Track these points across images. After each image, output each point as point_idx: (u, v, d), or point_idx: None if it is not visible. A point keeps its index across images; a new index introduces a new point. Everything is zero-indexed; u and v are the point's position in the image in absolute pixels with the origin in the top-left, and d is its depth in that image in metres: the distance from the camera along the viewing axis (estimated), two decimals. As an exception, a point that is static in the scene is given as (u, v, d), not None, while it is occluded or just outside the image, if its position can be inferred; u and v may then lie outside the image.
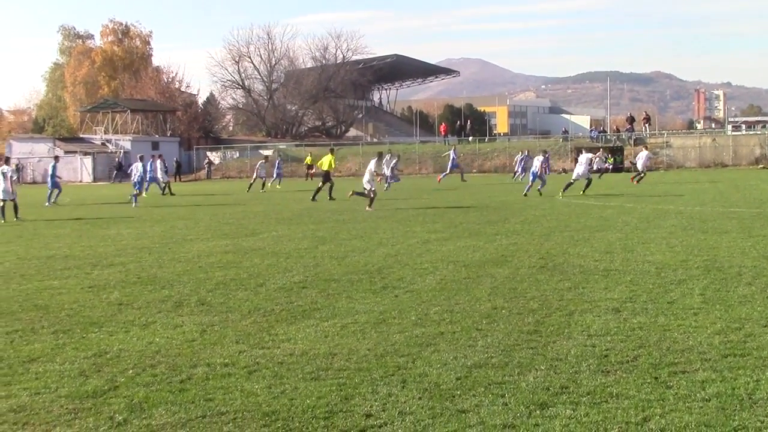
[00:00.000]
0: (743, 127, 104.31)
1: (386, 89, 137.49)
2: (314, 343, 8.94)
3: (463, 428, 6.10)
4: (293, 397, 6.97)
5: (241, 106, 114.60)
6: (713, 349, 8.23)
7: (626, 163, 68.49)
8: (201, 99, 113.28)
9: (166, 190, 45.73)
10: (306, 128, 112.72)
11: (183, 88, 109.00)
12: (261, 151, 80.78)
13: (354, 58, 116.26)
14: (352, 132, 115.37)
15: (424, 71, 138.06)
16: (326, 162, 36.89)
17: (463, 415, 6.41)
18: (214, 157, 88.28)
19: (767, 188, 36.68)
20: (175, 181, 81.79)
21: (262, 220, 26.09)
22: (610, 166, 55.02)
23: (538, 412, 6.42)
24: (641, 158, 46.73)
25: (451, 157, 52.21)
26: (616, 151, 69.27)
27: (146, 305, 11.42)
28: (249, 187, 49.23)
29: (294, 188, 51.59)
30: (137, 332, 9.69)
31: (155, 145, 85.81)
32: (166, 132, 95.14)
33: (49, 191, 39.72)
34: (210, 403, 6.83)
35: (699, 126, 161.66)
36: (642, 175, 44.82)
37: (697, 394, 6.77)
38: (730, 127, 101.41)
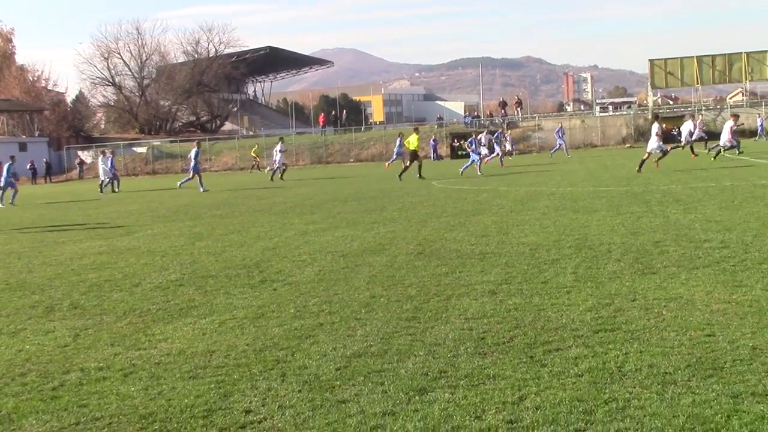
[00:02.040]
0: (610, 108, 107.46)
1: (261, 82, 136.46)
2: (192, 342, 8.81)
3: (343, 418, 6.10)
4: (171, 397, 6.85)
5: (112, 104, 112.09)
6: (585, 326, 8.44)
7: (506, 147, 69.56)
8: (70, 97, 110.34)
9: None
10: (180, 123, 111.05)
11: (50, 87, 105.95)
12: (134, 149, 79.18)
13: (227, 51, 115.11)
14: (228, 126, 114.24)
15: (298, 62, 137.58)
16: (413, 142, 39.53)
17: (343, 405, 6.41)
18: (86, 156, 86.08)
19: (634, 167, 37.83)
20: (45, 182, 79.60)
21: (136, 219, 25.56)
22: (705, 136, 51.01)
23: (417, 397, 6.47)
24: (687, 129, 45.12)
25: (398, 143, 52.78)
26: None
27: (15, 312, 11.05)
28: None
29: (167, 185, 50.73)
30: (5, 340, 9.36)
31: (23, 146, 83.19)
32: (33, 132, 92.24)
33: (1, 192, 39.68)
34: (84, 409, 6.64)
35: (569, 108, 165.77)
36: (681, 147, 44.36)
37: (571, 370, 6.93)
38: (598, 108, 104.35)
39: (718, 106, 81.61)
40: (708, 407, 5.87)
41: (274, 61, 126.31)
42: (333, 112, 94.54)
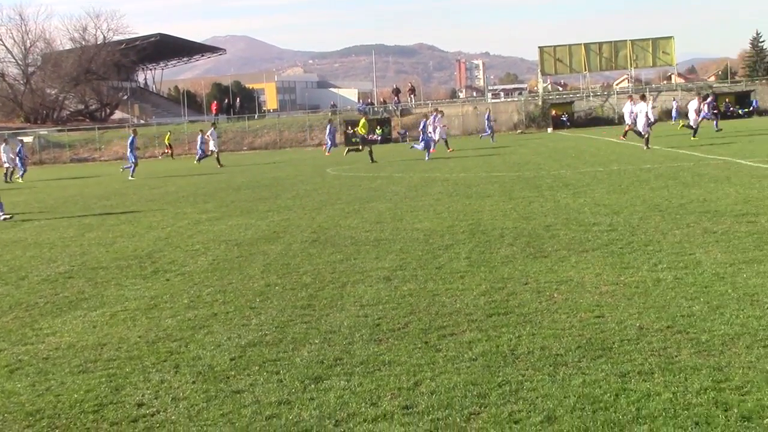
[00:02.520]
0: (502, 94, 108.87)
1: (151, 69, 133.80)
2: (82, 335, 8.60)
3: (238, 409, 6.04)
4: (60, 393, 6.67)
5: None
6: (479, 310, 8.54)
7: (394, 134, 70.03)
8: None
9: None
10: (68, 112, 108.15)
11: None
12: (20, 138, 76.84)
13: (116, 38, 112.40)
14: (118, 114, 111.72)
15: (189, 50, 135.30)
16: (362, 126, 41.52)
17: (238, 395, 6.34)
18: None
19: (525, 152, 38.47)
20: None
21: (22, 210, 24.83)
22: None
23: (312, 386, 6.44)
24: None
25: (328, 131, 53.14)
26: (384, 123, 70.66)
27: None
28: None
29: (56, 175, 49.49)
30: None
31: None
32: None
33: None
34: (-32, 408, 6.42)
35: (461, 95, 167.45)
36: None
37: (465, 355, 7.00)
38: (489, 95, 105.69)
39: (605, 92, 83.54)
40: (597, 387, 6.00)
41: (165, 48, 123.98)
42: (226, 100, 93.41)
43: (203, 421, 5.84)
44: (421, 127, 40.48)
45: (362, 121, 41.41)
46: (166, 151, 67.29)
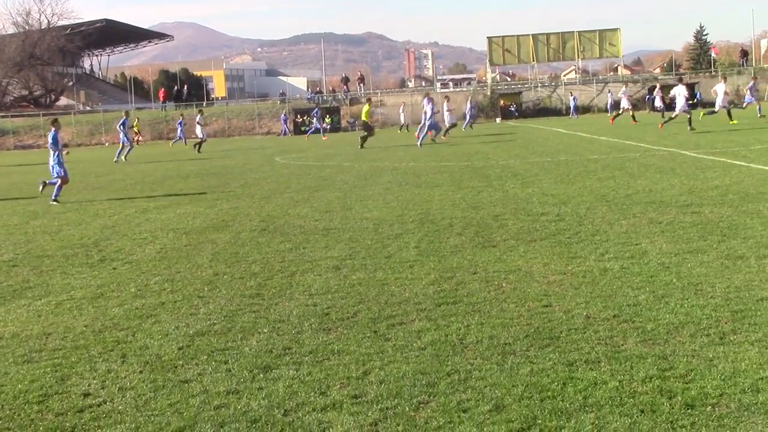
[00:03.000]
0: (451, 84, 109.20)
1: (98, 56, 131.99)
2: (26, 324, 8.48)
3: (186, 398, 5.99)
4: (3, 383, 6.57)
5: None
6: (428, 299, 8.57)
7: (343, 123, 69.93)
8: None
9: None
10: (12, 98, 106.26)
11: None
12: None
13: (61, 23, 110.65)
14: (63, 101, 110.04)
15: (136, 36, 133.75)
16: (364, 112, 41.22)
17: (186, 385, 6.30)
18: None
19: (474, 142, 38.62)
20: None
21: (-35, 198, 24.38)
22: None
23: (261, 375, 6.42)
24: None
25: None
26: (333, 112, 70.52)
27: None
28: None
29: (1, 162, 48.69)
30: None
31: None
32: None
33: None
34: None
35: (410, 84, 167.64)
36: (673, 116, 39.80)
37: (414, 344, 7.02)
38: (439, 84, 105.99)
39: (553, 83, 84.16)
40: (545, 376, 6.06)
41: (111, 34, 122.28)
42: (174, 88, 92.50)
43: (151, 411, 5.79)
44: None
45: (366, 108, 41.15)
46: (136, 138, 66.47)
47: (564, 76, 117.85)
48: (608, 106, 63.46)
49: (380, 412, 5.52)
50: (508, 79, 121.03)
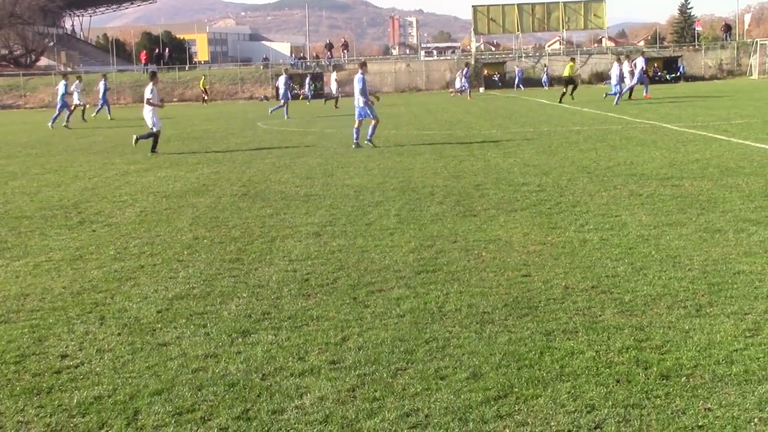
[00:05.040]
0: (435, 53, 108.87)
1: (79, 16, 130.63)
2: (4, 285, 8.45)
3: (164, 361, 6.00)
4: (-20, 343, 6.55)
5: None
6: (408, 267, 8.58)
7: (326, 89, 69.60)
8: None
9: None
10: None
11: None
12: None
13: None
14: (44, 61, 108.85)
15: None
16: (567, 69, 42.58)
17: (164, 348, 6.30)
18: None
19: (457, 111, 38.56)
20: None
21: (-57, 157, 24.17)
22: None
23: (240, 339, 6.43)
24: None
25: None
26: (316, 78, 70.17)
27: None
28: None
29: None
30: None
31: None
32: None
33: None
34: None
35: (394, 52, 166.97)
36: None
37: (393, 311, 7.04)
38: (423, 53, 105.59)
39: (537, 54, 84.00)
40: (523, 345, 6.09)
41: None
42: (156, 50, 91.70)
43: (128, 373, 5.79)
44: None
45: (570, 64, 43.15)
46: (205, 96, 66.04)
47: (548, 46, 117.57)
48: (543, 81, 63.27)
49: (358, 378, 5.55)
50: (493, 48, 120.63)
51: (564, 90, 41.98)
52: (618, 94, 38.15)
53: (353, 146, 21.70)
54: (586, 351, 5.90)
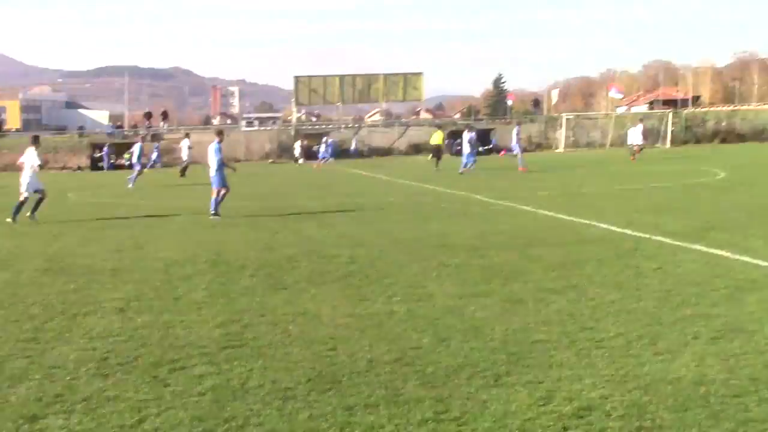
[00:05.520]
0: (256, 123, 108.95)
1: None
2: None
3: (-59, 452, 5.62)
4: None
5: None
6: (213, 343, 8.42)
7: (143, 159, 68.26)
8: None
9: None
10: None
11: None
12: None
13: None
14: None
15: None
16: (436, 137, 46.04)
17: (-57, 438, 5.91)
18: None
19: (275, 182, 38.63)
20: None
21: None
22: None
23: (27, 426, 6.10)
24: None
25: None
26: (131, 147, 68.77)
27: None
28: None
29: None
30: None
31: None
32: None
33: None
34: None
35: (215, 122, 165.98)
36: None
37: (194, 389, 6.87)
38: (244, 123, 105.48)
39: (357, 124, 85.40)
40: (324, 420, 6.05)
41: None
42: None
43: None
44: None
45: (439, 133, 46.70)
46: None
47: (368, 118, 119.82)
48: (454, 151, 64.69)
49: (150, 463, 5.35)
50: (314, 119, 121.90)
51: (434, 157, 43.63)
52: (469, 164, 39.49)
53: (211, 217, 21.39)
54: (386, 425, 5.92)
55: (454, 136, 73.07)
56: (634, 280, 11.01)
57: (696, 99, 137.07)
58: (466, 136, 41.25)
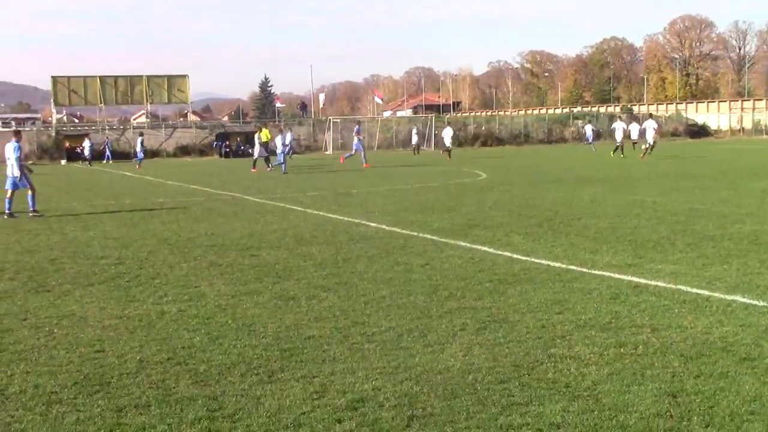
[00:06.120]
0: (13, 123, 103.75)
1: None
2: None
3: None
4: None
5: None
6: (-32, 349, 7.93)
7: None
8: None
9: None
10: None
11: None
12: None
13: None
14: None
15: None
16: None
17: None
18: None
19: (36, 182, 36.79)
20: None
21: None
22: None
23: None
24: (649, 128, 46.87)
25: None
26: None
27: None
28: None
29: None
30: None
31: None
32: None
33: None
34: None
35: None
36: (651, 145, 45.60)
37: (-52, 398, 6.44)
38: (0, 123, 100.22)
39: (122, 126, 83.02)
40: (92, 423, 5.83)
41: None
42: None
43: None
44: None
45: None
46: None
47: (134, 119, 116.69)
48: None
49: None
50: (76, 120, 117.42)
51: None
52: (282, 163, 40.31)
53: (6, 216, 20.44)
54: (158, 425, 5.77)
55: (222, 138, 72.79)
56: (403, 276, 11.28)
57: (457, 104, 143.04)
58: (280, 138, 41.35)
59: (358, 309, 9.33)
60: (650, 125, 47.95)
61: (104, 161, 63.46)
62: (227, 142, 72.62)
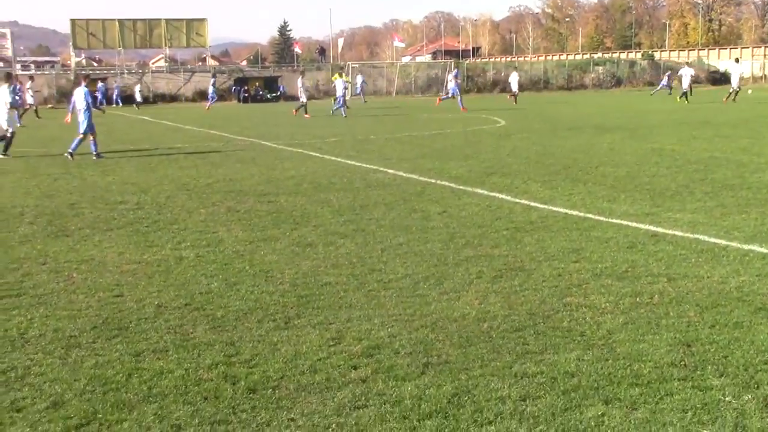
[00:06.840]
0: (33, 67, 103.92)
1: None
2: None
3: None
4: None
5: None
6: (-13, 293, 8.01)
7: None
8: None
9: None
10: None
11: None
12: None
13: None
14: None
15: None
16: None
17: None
18: None
19: (54, 128, 36.94)
20: None
21: None
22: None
23: None
24: (686, 75, 48.62)
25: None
26: None
27: None
28: None
29: None
30: None
31: None
32: None
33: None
34: None
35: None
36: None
37: (-31, 341, 6.53)
38: (19, 66, 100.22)
39: (141, 70, 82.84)
40: (110, 367, 5.90)
41: None
42: None
43: None
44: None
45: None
46: None
47: (152, 63, 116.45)
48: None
49: (-77, 418, 5.06)
50: (95, 63, 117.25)
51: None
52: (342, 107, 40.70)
53: (95, 158, 21.31)
54: (175, 370, 5.83)
55: (240, 83, 72.54)
56: (420, 223, 11.29)
57: (476, 50, 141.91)
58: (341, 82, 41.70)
59: (374, 256, 9.35)
60: (686, 72, 49.12)
61: (114, 105, 63.31)
62: (246, 87, 72.35)
